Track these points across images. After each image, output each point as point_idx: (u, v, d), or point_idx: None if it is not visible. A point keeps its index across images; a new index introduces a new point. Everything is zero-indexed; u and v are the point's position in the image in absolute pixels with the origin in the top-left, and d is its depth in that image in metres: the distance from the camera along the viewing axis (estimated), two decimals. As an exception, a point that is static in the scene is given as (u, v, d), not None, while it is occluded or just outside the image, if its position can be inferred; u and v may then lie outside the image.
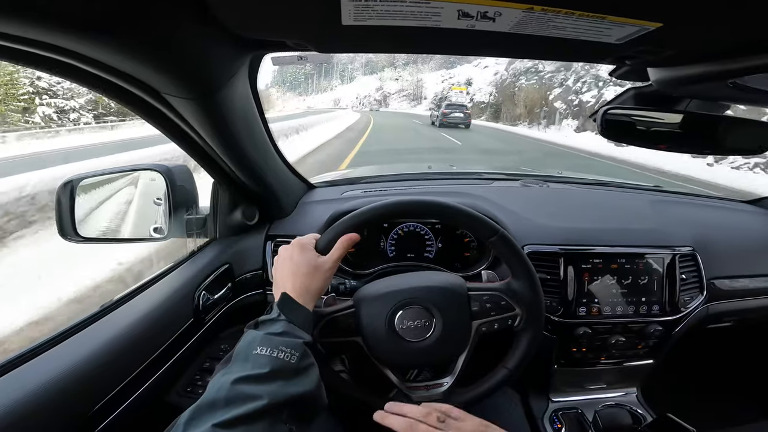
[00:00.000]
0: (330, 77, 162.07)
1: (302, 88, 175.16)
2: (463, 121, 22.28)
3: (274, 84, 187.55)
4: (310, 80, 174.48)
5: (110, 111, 33.32)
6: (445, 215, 0.78)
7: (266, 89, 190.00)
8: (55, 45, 0.43)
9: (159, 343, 0.75)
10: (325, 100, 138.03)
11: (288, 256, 0.69)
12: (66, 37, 0.42)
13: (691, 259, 1.05)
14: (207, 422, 0.46)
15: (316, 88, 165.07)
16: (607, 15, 0.41)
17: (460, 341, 0.75)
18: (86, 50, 0.46)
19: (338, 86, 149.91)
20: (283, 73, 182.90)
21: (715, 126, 0.76)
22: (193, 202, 0.98)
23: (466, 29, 0.45)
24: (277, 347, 0.55)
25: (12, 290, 2.79)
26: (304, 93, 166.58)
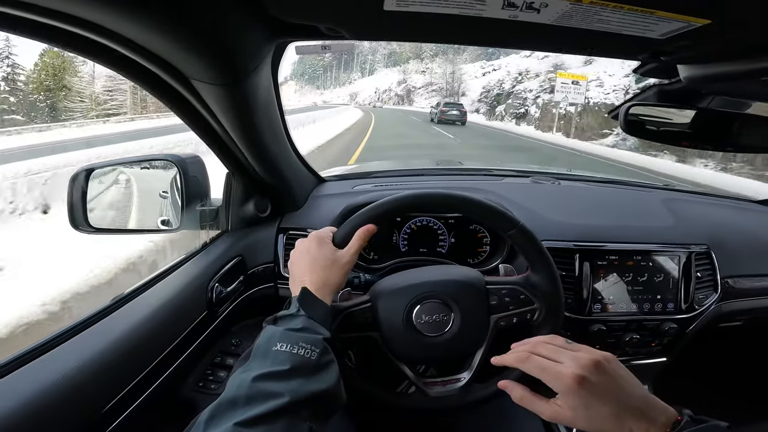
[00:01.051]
0: (350, 70, 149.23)
1: (320, 81, 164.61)
2: (459, 118, 24.61)
3: (293, 76, 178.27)
4: (329, 72, 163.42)
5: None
6: (464, 208, 0.77)
7: (285, 81, 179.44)
8: (82, 19, 0.41)
9: (173, 337, 0.74)
10: (342, 94, 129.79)
11: (305, 250, 0.68)
12: (96, 11, 0.41)
13: (706, 257, 1.05)
14: (228, 421, 0.45)
15: (335, 81, 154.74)
16: (656, 10, 0.40)
17: (478, 336, 0.75)
18: (116, 26, 0.44)
19: (357, 79, 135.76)
20: (303, 65, 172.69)
21: (737, 123, 0.76)
22: (206, 194, 0.97)
23: (507, 20, 0.44)
24: (297, 343, 0.54)
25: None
26: (322, 86, 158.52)
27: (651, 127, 0.79)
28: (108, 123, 25.00)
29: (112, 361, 0.62)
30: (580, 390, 0.48)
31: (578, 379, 0.48)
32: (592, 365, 0.50)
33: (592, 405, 0.48)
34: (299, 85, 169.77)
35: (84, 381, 0.57)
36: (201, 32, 0.47)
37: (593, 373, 0.49)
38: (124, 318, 0.70)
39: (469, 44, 0.59)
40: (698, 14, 0.40)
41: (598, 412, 0.48)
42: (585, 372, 0.49)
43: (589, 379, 0.48)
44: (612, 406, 0.47)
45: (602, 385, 0.49)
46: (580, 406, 0.48)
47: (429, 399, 0.75)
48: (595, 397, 0.48)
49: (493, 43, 0.57)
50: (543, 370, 0.52)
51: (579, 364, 0.50)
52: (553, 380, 0.51)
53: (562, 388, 0.50)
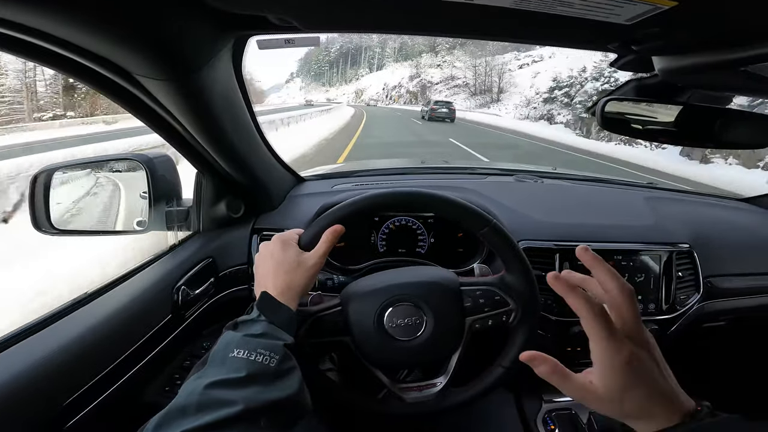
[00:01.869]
0: (357, 65, 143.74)
1: (326, 77, 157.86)
2: (448, 115, 26.14)
3: (299, 73, 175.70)
4: (335, 69, 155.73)
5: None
6: (435, 206, 0.75)
7: (291, 79, 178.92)
8: (17, 23, 0.40)
9: (134, 339, 0.72)
10: (348, 91, 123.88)
11: (269, 253, 0.66)
12: (28, 13, 0.39)
13: (688, 256, 1.04)
14: (176, 429, 0.43)
15: (341, 78, 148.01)
16: None
17: (452, 339, 0.72)
18: (49, 28, 0.42)
19: (365, 75, 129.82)
20: (309, 62, 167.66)
21: (717, 119, 0.74)
22: (176, 194, 0.94)
23: (464, 3, 0.41)
24: (255, 350, 0.52)
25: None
26: (328, 83, 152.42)
27: (634, 125, 0.77)
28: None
29: (71, 359, 0.61)
30: (627, 370, 0.43)
31: (631, 358, 0.44)
32: (646, 346, 0.46)
33: (630, 386, 0.44)
34: (305, 82, 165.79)
35: (39, 378, 0.56)
36: (133, 27, 0.45)
37: (644, 354, 0.45)
38: (83, 318, 0.68)
39: (423, 33, 0.56)
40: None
41: (634, 394, 0.43)
42: (638, 352, 0.44)
43: (639, 360, 0.44)
44: (648, 390, 0.43)
45: (646, 369, 0.44)
46: (618, 388, 0.44)
47: (405, 404, 0.73)
48: (636, 380, 0.44)
49: (449, 32, 0.54)
50: (609, 337, 0.44)
51: (637, 342, 0.45)
52: (606, 352, 0.44)
53: (612, 365, 0.44)
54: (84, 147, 7.28)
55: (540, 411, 1.05)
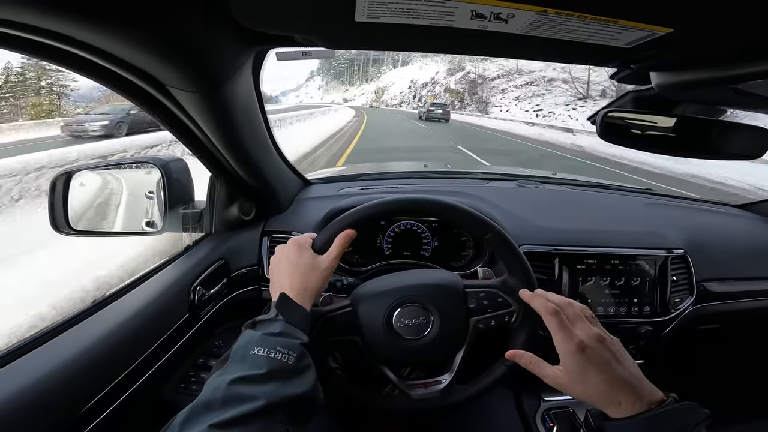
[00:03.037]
0: (379, 62, 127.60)
1: (346, 75, 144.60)
2: (443, 116, 27.73)
3: (319, 72, 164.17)
4: (355, 66, 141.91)
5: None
6: (442, 213, 0.79)
7: (311, 77, 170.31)
8: (60, 33, 0.42)
9: (153, 339, 0.74)
10: (368, 90, 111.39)
11: (285, 256, 0.69)
12: (73, 27, 0.42)
13: (683, 261, 1.07)
14: (203, 423, 0.46)
15: (361, 76, 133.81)
16: (618, 19, 0.41)
17: (457, 338, 0.76)
18: (92, 40, 0.45)
19: (387, 72, 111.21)
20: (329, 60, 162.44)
21: (712, 130, 0.77)
22: (189, 196, 0.97)
23: (477, 30, 0.45)
24: (275, 348, 0.55)
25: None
26: (348, 82, 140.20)
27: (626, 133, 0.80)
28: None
29: (92, 361, 0.62)
30: (581, 356, 0.55)
31: (581, 346, 0.55)
32: (597, 338, 0.56)
33: (588, 372, 0.54)
34: (324, 81, 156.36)
35: (64, 381, 0.57)
36: (173, 43, 0.48)
37: (596, 344, 0.55)
38: (104, 320, 0.70)
39: (443, 53, 0.60)
40: (659, 23, 0.41)
41: (593, 379, 0.53)
42: (589, 342, 0.55)
43: (591, 348, 0.55)
44: (606, 376, 0.53)
45: (600, 357, 0.54)
46: (577, 371, 0.55)
47: (411, 401, 0.76)
48: (591, 365, 0.54)
49: (467, 52, 0.59)
50: (561, 329, 0.58)
51: (587, 334, 0.56)
52: (562, 341, 0.57)
53: (567, 351, 0.56)
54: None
55: (539, 409, 1.08)
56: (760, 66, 0.49)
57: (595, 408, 0.55)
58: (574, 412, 1.07)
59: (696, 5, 0.38)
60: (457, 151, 11.25)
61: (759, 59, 0.48)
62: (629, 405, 0.51)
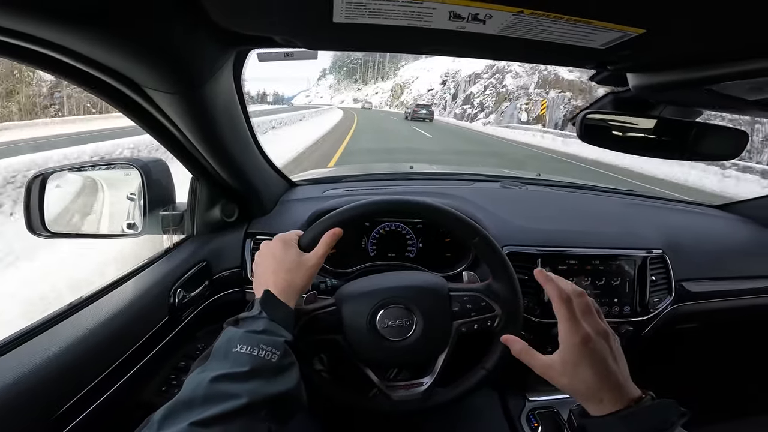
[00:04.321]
0: (397, 57, 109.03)
1: (360, 73, 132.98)
2: (427, 116, 31.18)
3: (331, 70, 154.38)
4: (370, 63, 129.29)
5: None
6: (429, 215, 0.79)
7: (323, 75, 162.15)
8: (34, 36, 0.42)
9: (132, 342, 0.73)
10: (384, 89, 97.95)
11: (270, 253, 0.68)
12: (45, 28, 0.41)
13: (661, 261, 1.09)
14: (184, 420, 0.45)
15: (377, 73, 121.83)
16: (593, 20, 0.41)
17: (440, 341, 0.76)
18: (66, 42, 0.44)
19: (405, 65, 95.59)
20: (342, 56, 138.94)
21: (689, 132, 0.78)
22: (170, 198, 0.96)
23: (456, 30, 0.45)
24: (258, 345, 0.54)
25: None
26: (361, 80, 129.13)
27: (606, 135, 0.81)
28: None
29: (67, 364, 0.61)
30: (583, 349, 0.53)
31: (586, 339, 0.54)
32: (603, 334, 0.56)
33: (582, 365, 0.53)
34: (336, 79, 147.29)
35: (38, 384, 0.56)
36: (148, 44, 0.47)
37: (600, 340, 0.55)
38: (80, 322, 0.68)
39: (423, 53, 0.61)
40: (632, 23, 0.42)
41: (584, 373, 0.53)
42: (595, 336, 0.54)
43: (594, 343, 0.54)
44: (598, 373, 0.52)
45: (600, 353, 0.53)
46: (572, 363, 0.54)
47: (391, 402, 0.75)
48: (588, 359, 0.53)
49: (446, 52, 0.59)
50: (569, 319, 0.56)
51: (594, 329, 0.55)
52: (568, 331, 0.55)
53: (570, 342, 0.55)
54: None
55: (524, 409, 1.09)
56: (731, 67, 0.50)
57: (578, 406, 0.55)
58: (558, 412, 1.07)
59: (667, 6, 0.39)
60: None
61: (730, 61, 0.49)
62: (611, 403, 0.51)
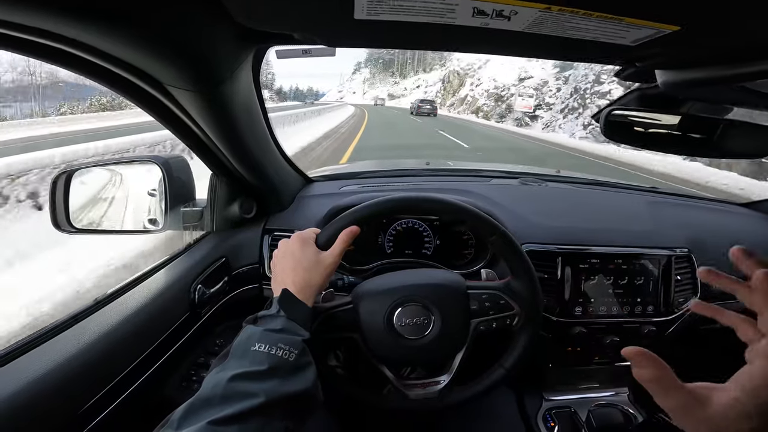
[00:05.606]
0: None
1: (396, 65, 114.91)
2: (430, 111, 33.41)
3: (367, 63, 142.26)
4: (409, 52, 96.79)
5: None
6: (447, 212, 0.78)
7: (358, 69, 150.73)
8: (58, 34, 0.42)
9: (154, 338, 0.74)
10: (431, 80, 79.79)
11: (289, 251, 0.68)
12: (70, 27, 0.42)
13: (687, 260, 1.06)
14: (202, 419, 0.45)
15: (418, 64, 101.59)
16: (624, 17, 0.40)
17: (458, 339, 0.75)
18: (90, 40, 0.45)
19: (452, 55, 60.46)
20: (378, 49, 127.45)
21: (717, 129, 0.76)
22: (190, 194, 0.97)
23: (479, 27, 0.44)
24: (276, 344, 0.54)
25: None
26: (398, 73, 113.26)
27: (630, 131, 0.79)
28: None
29: (92, 360, 0.62)
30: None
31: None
32: None
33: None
34: (371, 73, 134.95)
35: (64, 380, 0.57)
36: (170, 43, 0.48)
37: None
38: (102, 320, 0.70)
39: (445, 50, 0.60)
40: (667, 21, 0.41)
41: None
42: None
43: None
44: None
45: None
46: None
47: (408, 401, 0.75)
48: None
49: (469, 50, 0.58)
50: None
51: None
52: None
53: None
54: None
55: (540, 409, 1.08)
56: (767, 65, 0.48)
57: (596, 406, 0.51)
58: (576, 411, 1.06)
59: (705, 3, 0.37)
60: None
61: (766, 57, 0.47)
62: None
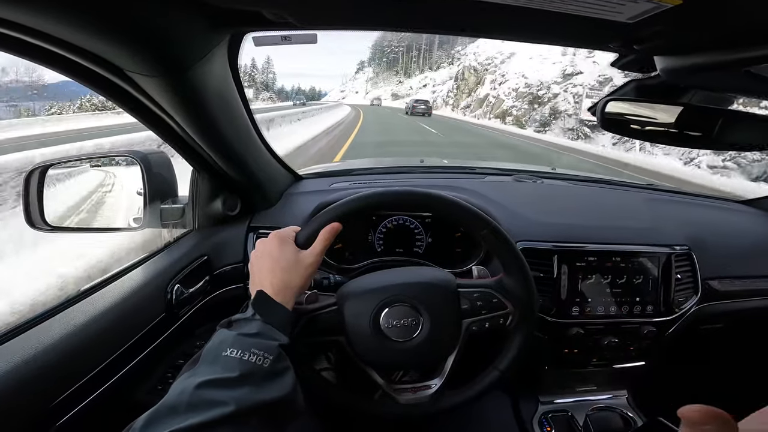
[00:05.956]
0: (450, 42, 79.75)
1: (401, 64, 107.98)
2: (425, 111, 32.11)
3: (370, 62, 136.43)
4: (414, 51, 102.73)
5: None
6: (433, 206, 0.75)
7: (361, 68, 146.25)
8: (11, 21, 0.39)
9: (126, 338, 0.71)
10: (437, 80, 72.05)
11: (266, 251, 0.64)
12: (15, 10, 0.38)
13: (687, 258, 1.03)
14: (166, 427, 0.42)
15: (424, 62, 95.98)
16: None
17: (448, 341, 0.72)
18: (36, 23, 0.41)
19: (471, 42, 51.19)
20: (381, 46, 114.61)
21: (719, 120, 0.73)
22: (172, 191, 0.93)
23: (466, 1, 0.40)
24: (249, 349, 0.51)
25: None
26: (403, 72, 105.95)
27: (634, 125, 0.77)
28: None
29: (60, 358, 0.60)
30: None
31: None
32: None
33: None
34: (375, 72, 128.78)
35: (29, 378, 0.55)
36: (123, 22, 0.44)
37: None
38: (74, 316, 0.67)
39: (428, 31, 0.56)
40: None
41: None
42: None
43: None
44: None
45: None
46: None
47: (398, 406, 0.72)
48: None
49: (453, 30, 0.54)
50: None
51: None
52: None
53: None
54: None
55: (536, 413, 1.05)
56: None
57: (593, 410, 0.47)
58: (573, 415, 1.03)
59: None
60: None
61: None
62: None
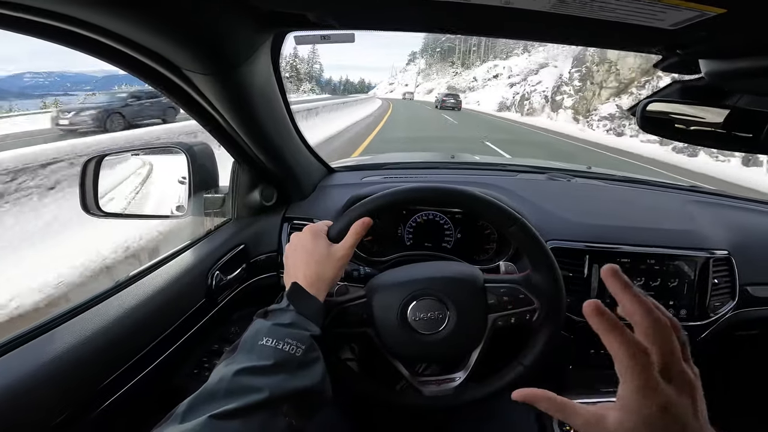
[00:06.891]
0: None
1: (458, 53, 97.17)
2: (454, 105, 32.62)
3: (422, 53, 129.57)
4: (473, 40, 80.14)
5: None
6: (462, 202, 0.75)
7: (412, 59, 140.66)
8: (75, 17, 0.42)
9: (170, 322, 0.75)
10: (518, 68, 46.18)
11: (300, 244, 0.67)
12: (89, 11, 0.41)
13: (726, 263, 1.00)
14: (204, 413, 0.45)
15: (486, 51, 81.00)
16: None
17: (474, 335, 0.73)
18: (106, 23, 0.45)
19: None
20: (436, 37, 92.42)
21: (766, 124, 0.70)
22: (214, 181, 0.98)
23: (501, 7, 0.41)
24: (283, 339, 0.54)
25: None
26: (459, 63, 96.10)
27: (670, 125, 0.75)
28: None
29: (106, 344, 0.63)
30: (657, 419, 0.36)
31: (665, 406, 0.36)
32: (689, 392, 0.38)
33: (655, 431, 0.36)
34: (427, 63, 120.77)
35: (77, 362, 0.58)
36: (185, 26, 0.47)
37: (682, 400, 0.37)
38: (121, 302, 0.71)
39: (465, 33, 0.56)
40: (711, 2, 0.36)
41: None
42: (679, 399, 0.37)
43: (674, 407, 0.36)
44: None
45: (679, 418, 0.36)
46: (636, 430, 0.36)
47: (422, 397, 0.74)
48: (665, 424, 0.36)
49: (491, 33, 0.54)
50: (643, 386, 0.37)
51: (678, 389, 0.37)
52: (639, 399, 0.37)
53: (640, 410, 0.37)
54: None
55: None
56: None
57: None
58: None
59: None
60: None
61: None
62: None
